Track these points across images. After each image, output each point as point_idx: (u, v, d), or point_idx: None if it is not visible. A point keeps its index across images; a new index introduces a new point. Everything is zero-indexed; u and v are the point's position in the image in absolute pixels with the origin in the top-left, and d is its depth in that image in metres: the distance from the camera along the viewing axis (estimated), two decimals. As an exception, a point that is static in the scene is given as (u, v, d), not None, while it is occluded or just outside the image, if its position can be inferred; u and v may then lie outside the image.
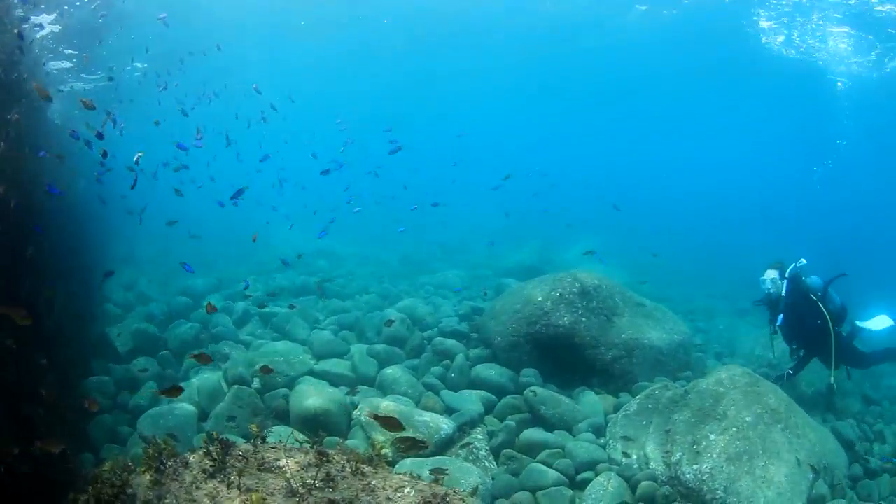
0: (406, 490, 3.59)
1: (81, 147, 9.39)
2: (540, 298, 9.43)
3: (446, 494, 3.66)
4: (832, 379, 8.56)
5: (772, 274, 8.89)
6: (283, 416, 7.54)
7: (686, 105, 35.48)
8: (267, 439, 4.09)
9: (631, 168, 42.35)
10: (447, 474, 5.06)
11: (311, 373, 8.59)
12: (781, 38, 21.68)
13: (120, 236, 14.33)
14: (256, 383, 8.06)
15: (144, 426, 7.10)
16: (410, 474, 3.88)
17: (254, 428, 3.99)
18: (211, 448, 3.82)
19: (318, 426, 7.08)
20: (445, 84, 34.11)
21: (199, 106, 15.52)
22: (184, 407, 7.52)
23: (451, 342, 9.61)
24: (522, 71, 31.80)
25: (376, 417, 5.00)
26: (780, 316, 8.83)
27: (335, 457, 3.82)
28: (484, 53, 28.50)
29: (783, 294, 8.78)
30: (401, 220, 14.73)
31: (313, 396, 7.34)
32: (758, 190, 38.81)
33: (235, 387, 7.58)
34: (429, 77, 32.73)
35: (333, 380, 8.49)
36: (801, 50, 22.05)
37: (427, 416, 7.32)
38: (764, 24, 20.80)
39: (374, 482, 3.63)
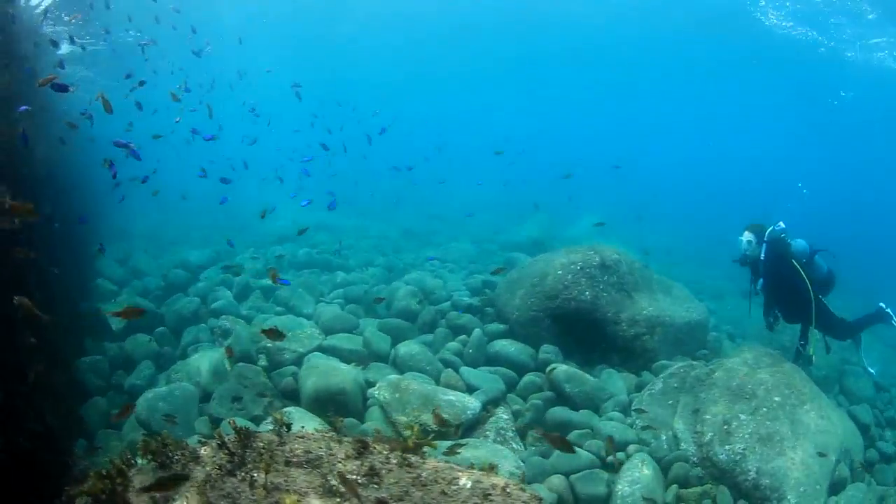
0: (462, 482, 3.03)
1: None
2: (560, 272, 8.96)
3: (506, 485, 3.11)
4: (811, 350, 8.28)
5: (748, 236, 8.59)
6: (292, 396, 6.96)
7: (689, 87, 34.87)
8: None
9: (635, 148, 41.57)
10: (459, 453, 4.54)
11: (320, 348, 7.97)
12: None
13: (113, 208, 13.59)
14: (263, 360, 7.44)
15: (143, 409, 6.50)
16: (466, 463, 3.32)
17: (277, 416, 3.40)
18: (227, 438, 3.23)
19: (333, 407, 6.56)
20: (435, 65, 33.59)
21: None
22: (184, 387, 6.92)
23: (466, 317, 9.16)
24: (514, 47, 31.23)
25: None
26: (761, 280, 8.64)
27: (375, 446, 3.25)
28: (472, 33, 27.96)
29: (761, 257, 8.51)
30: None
31: (328, 375, 6.76)
32: (761, 167, 38.16)
33: (240, 364, 6.96)
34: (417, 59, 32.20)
35: (344, 356, 7.90)
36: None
37: (452, 395, 6.80)
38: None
39: (423, 474, 3.06)
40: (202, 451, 3.21)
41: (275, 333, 5.06)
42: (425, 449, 3.40)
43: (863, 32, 20.42)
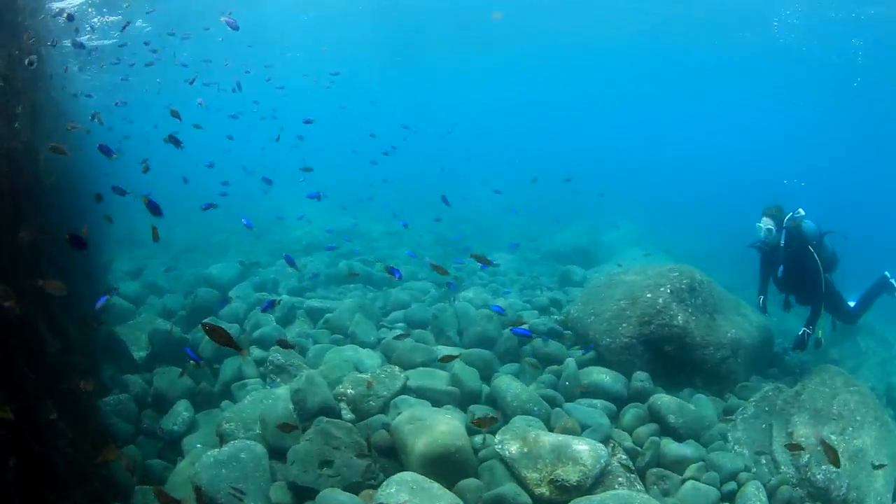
0: None
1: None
2: (649, 295, 8.32)
3: None
4: (819, 333, 8.34)
5: (767, 222, 8.45)
6: (387, 453, 5.56)
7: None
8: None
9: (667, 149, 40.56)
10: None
11: (406, 390, 6.57)
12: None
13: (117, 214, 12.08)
14: (347, 411, 5.97)
15: (203, 478, 5.04)
16: None
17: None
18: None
19: (448, 468, 5.23)
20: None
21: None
22: (250, 447, 5.47)
23: (555, 345, 8.13)
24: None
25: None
26: (781, 267, 8.53)
27: None
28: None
29: (782, 244, 8.43)
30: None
31: (436, 428, 5.40)
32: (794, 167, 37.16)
33: (323, 420, 5.48)
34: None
35: (436, 398, 6.51)
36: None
37: (585, 445, 5.64)
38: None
39: None
40: None
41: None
42: None
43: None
